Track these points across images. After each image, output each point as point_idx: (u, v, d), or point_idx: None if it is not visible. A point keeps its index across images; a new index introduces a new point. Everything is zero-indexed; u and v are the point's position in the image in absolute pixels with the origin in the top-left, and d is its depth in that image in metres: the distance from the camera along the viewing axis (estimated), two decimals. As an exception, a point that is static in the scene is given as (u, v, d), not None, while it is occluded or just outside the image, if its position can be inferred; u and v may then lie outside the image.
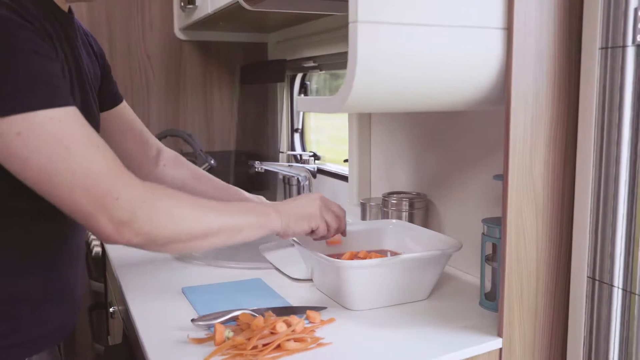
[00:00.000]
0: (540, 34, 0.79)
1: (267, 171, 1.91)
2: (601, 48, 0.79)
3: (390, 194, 1.30)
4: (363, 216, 1.41)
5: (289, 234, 0.97)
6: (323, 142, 2.08)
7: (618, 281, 0.80)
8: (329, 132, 2.07)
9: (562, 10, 0.81)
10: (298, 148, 2.12)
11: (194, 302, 0.99)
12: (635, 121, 0.76)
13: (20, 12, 0.73)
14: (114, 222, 0.75)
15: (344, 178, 1.69)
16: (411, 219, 1.25)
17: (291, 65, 2.00)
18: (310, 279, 1.10)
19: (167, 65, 2.13)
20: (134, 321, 0.93)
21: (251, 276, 1.14)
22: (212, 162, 1.89)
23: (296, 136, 2.13)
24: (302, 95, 2.09)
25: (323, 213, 1.00)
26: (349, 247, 1.14)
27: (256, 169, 1.82)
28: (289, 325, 0.84)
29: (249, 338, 0.81)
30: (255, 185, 2.19)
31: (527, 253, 0.84)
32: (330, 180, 1.81)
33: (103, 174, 0.75)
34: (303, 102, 0.95)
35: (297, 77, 2.07)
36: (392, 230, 1.18)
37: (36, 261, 0.86)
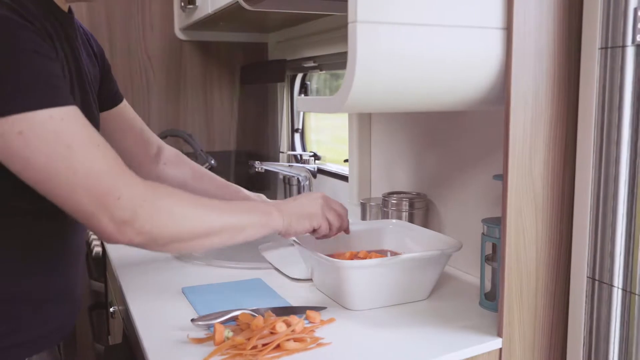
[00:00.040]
0: (539, 34, 0.79)
1: (268, 171, 1.92)
2: (601, 48, 0.79)
3: (390, 194, 1.30)
4: (363, 216, 1.41)
5: (291, 233, 0.97)
6: (325, 142, 2.08)
7: (618, 281, 0.80)
8: (331, 132, 2.07)
9: (562, 9, 0.81)
10: (298, 148, 2.12)
11: (194, 302, 0.99)
12: (634, 121, 0.76)
13: (20, 12, 0.73)
14: (115, 222, 0.75)
15: (344, 178, 1.69)
16: (411, 219, 1.25)
17: (291, 65, 2.00)
18: (309, 279, 1.10)
19: (168, 65, 2.14)
20: (134, 321, 0.94)
21: (251, 276, 1.14)
22: (213, 162, 1.89)
23: (296, 136, 2.13)
24: (303, 95, 2.09)
25: (325, 212, 1.00)
26: (349, 247, 1.14)
27: (256, 169, 1.82)
28: (289, 325, 0.84)
29: (249, 338, 0.81)
30: (255, 185, 2.19)
31: (527, 253, 0.84)
32: (330, 180, 1.81)
33: (104, 173, 0.75)
34: (303, 102, 0.95)
35: (298, 77, 2.07)
36: (392, 230, 1.18)
37: (37, 261, 0.86)
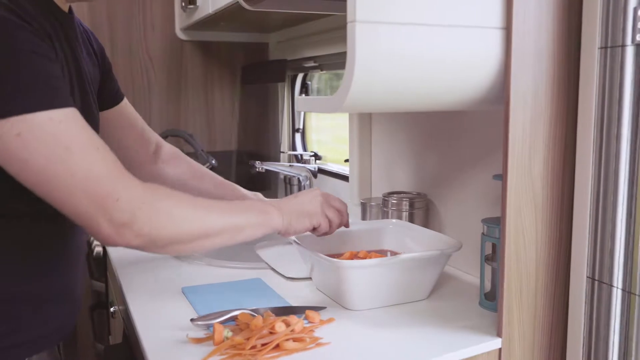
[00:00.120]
0: (539, 33, 0.79)
1: (268, 171, 1.92)
2: (600, 47, 0.79)
3: (390, 194, 1.30)
4: (363, 216, 1.41)
5: (291, 232, 0.96)
6: (327, 142, 2.08)
7: (617, 281, 0.80)
8: (332, 132, 2.07)
9: (562, 9, 0.80)
10: (299, 148, 2.12)
11: (194, 302, 0.99)
12: (634, 120, 0.76)
13: (18, 13, 0.73)
14: (114, 224, 0.74)
15: (345, 178, 1.69)
16: (411, 219, 1.25)
17: (292, 65, 2.00)
18: (305, 278, 1.10)
19: (169, 65, 2.14)
20: (134, 321, 0.94)
21: (251, 276, 1.14)
22: (214, 162, 1.89)
23: (297, 136, 2.13)
24: (303, 95, 2.09)
25: (324, 209, 0.99)
26: (349, 247, 1.14)
27: (257, 169, 1.82)
28: (288, 325, 0.84)
29: (248, 338, 0.81)
30: (256, 185, 2.19)
31: (527, 253, 0.84)
32: (331, 180, 1.81)
33: (103, 176, 0.74)
34: (302, 102, 0.95)
35: (299, 77, 2.07)
36: (392, 230, 1.18)
37: (37, 261, 0.86)
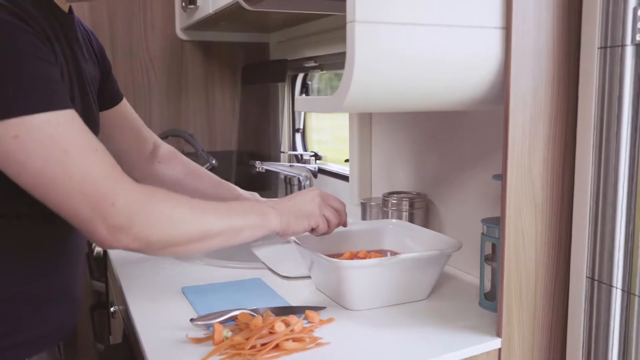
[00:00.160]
0: (539, 33, 0.79)
1: (269, 171, 1.92)
2: (600, 47, 0.79)
3: (390, 194, 1.30)
4: (363, 216, 1.41)
5: (289, 234, 0.96)
6: (327, 142, 2.08)
7: (617, 281, 0.80)
8: (333, 132, 2.07)
9: (561, 9, 0.80)
10: (299, 148, 2.12)
11: (194, 302, 0.99)
12: (634, 120, 0.76)
13: (19, 15, 0.73)
14: (111, 227, 0.74)
15: (345, 178, 1.69)
16: (411, 219, 1.25)
17: (292, 65, 2.00)
18: (301, 277, 1.11)
19: (169, 65, 2.14)
20: (134, 320, 0.94)
21: (251, 276, 1.14)
22: (214, 162, 1.89)
23: (297, 136, 2.13)
24: (304, 95, 2.09)
25: (323, 210, 0.99)
26: (349, 247, 1.14)
27: (257, 169, 1.82)
28: (288, 325, 0.84)
29: (248, 338, 0.81)
30: (256, 185, 2.19)
31: (526, 253, 0.84)
32: (331, 180, 1.81)
33: (102, 179, 0.74)
34: (301, 102, 0.95)
35: (299, 77, 2.07)
36: (392, 230, 1.18)
37: (37, 261, 0.86)
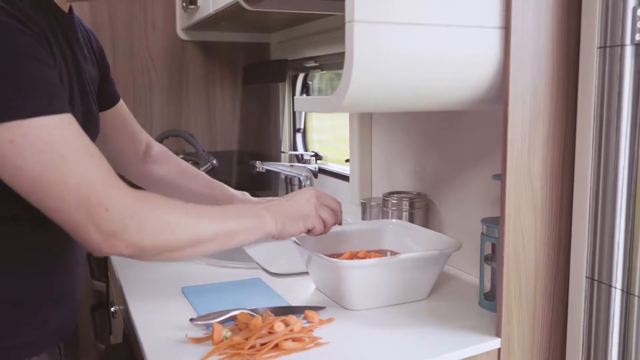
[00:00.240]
0: (538, 33, 0.79)
1: (269, 171, 1.92)
2: (599, 47, 0.79)
3: (390, 194, 1.30)
4: (363, 216, 1.41)
5: (285, 236, 0.94)
6: (327, 142, 2.08)
7: (617, 282, 0.80)
8: (333, 132, 2.07)
9: (561, 8, 0.80)
10: (300, 148, 2.12)
11: (194, 302, 0.99)
12: (633, 119, 0.76)
13: (18, 17, 0.72)
14: (104, 233, 0.73)
15: (345, 178, 1.69)
16: (411, 219, 1.25)
17: (293, 65, 2.00)
18: (291, 274, 1.12)
19: (170, 65, 2.14)
20: (134, 320, 0.94)
21: (251, 276, 1.14)
22: (215, 162, 1.89)
23: (298, 136, 2.13)
24: (304, 95, 2.09)
25: (319, 210, 0.98)
26: (349, 247, 1.14)
27: (258, 169, 1.82)
28: (287, 325, 0.84)
29: (247, 338, 0.81)
30: (257, 185, 2.19)
31: (526, 253, 0.84)
32: (331, 180, 1.81)
33: (98, 184, 0.73)
34: (301, 102, 0.95)
35: (299, 77, 2.07)
36: (392, 230, 1.18)
37: (37, 263, 0.86)
